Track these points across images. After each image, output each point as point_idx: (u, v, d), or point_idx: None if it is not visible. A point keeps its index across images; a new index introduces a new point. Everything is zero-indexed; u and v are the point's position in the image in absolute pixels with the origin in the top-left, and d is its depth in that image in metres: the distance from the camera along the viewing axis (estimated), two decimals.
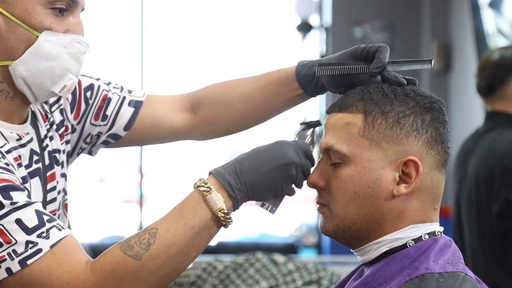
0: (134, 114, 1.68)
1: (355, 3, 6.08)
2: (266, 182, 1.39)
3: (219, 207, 1.37)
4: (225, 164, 1.40)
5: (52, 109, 1.61)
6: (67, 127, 1.63)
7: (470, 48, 5.30)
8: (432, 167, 1.35)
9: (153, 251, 1.34)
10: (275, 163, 1.39)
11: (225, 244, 6.17)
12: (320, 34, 6.24)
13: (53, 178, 1.56)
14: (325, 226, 1.38)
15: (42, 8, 1.45)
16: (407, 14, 6.03)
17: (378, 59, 1.43)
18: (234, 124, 1.65)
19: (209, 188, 1.37)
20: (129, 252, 1.34)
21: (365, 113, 1.35)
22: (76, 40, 1.47)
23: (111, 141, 1.69)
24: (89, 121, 1.67)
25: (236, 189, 1.38)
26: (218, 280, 3.57)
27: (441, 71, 5.74)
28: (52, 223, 1.37)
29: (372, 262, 1.36)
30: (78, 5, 1.49)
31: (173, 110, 1.70)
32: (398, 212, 1.34)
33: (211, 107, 1.69)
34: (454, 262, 1.31)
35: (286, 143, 1.41)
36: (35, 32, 1.45)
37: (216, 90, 1.71)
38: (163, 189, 7.28)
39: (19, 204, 1.35)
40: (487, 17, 4.93)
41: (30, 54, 1.45)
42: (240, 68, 6.67)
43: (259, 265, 3.61)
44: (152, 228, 1.37)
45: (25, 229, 1.34)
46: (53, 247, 1.35)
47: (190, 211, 1.37)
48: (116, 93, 1.69)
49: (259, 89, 1.64)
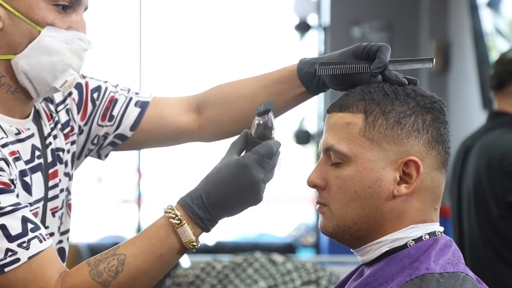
0: (140, 114, 1.69)
1: (353, 3, 6.08)
2: (238, 206, 1.44)
3: (189, 240, 1.42)
4: (192, 193, 1.43)
5: (58, 109, 1.63)
6: (73, 128, 1.64)
7: (469, 48, 5.30)
8: (433, 167, 1.34)
9: (121, 279, 1.40)
10: (240, 189, 1.43)
11: (223, 244, 6.17)
12: (319, 34, 6.23)
13: (55, 175, 1.58)
14: (325, 226, 1.37)
15: (45, 4, 1.47)
16: (405, 14, 6.03)
17: (379, 59, 1.42)
18: (239, 124, 1.64)
19: (180, 221, 1.41)
20: (98, 279, 1.40)
21: (366, 113, 1.34)
22: (78, 37, 1.50)
23: (118, 142, 1.70)
24: (96, 122, 1.68)
25: (207, 221, 1.43)
26: (216, 280, 3.57)
27: (440, 71, 5.74)
28: (35, 233, 1.40)
29: (372, 262, 1.36)
30: (82, 4, 1.51)
31: (179, 111, 1.71)
32: (398, 212, 1.33)
33: (216, 108, 1.69)
34: (455, 262, 1.31)
35: (248, 164, 1.42)
36: (37, 27, 1.47)
37: (220, 90, 1.71)
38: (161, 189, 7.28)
39: (5, 210, 1.38)
40: (485, 17, 4.92)
41: (32, 48, 1.47)
42: (239, 68, 6.67)
43: (258, 265, 3.61)
44: (120, 254, 1.42)
45: (8, 236, 1.38)
46: (30, 258, 1.39)
47: (159, 240, 1.42)
48: (123, 94, 1.70)
49: (262, 88, 1.64)
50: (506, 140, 2.68)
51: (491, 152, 2.68)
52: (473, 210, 2.73)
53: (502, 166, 2.62)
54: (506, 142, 2.67)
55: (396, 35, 5.96)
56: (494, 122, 2.76)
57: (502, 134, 2.70)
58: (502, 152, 2.64)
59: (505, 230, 2.63)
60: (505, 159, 2.62)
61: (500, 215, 2.63)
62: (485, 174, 2.67)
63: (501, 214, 2.63)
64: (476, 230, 2.72)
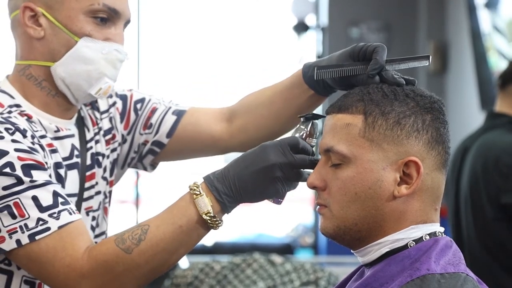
0: (176, 121, 1.78)
1: (351, 4, 6.08)
2: (251, 186, 1.47)
3: (205, 211, 1.47)
4: (217, 170, 1.50)
5: (102, 117, 1.75)
6: (114, 136, 1.76)
7: (467, 48, 5.29)
8: (433, 168, 1.34)
9: (143, 246, 1.48)
10: (256, 167, 1.46)
11: (221, 245, 6.16)
12: (317, 34, 6.23)
13: (92, 177, 1.69)
14: (326, 227, 1.37)
15: (84, 16, 1.59)
16: (403, 15, 6.02)
17: (375, 60, 1.43)
18: (262, 130, 1.72)
19: (199, 192, 1.48)
20: (121, 246, 1.48)
21: (365, 114, 1.34)
22: (114, 48, 1.62)
23: (157, 149, 1.79)
24: (138, 131, 1.79)
25: (223, 194, 1.47)
26: (215, 281, 3.57)
27: (437, 72, 5.74)
28: (65, 206, 1.51)
29: (372, 263, 1.35)
30: (121, 17, 1.63)
31: (213, 120, 1.79)
32: (399, 213, 1.33)
33: (242, 116, 1.77)
34: (455, 262, 1.31)
35: (268, 146, 1.47)
36: (75, 37, 1.59)
37: (246, 99, 1.79)
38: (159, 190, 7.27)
39: (37, 183, 1.50)
40: (483, 17, 4.92)
41: (69, 57, 1.60)
42: (237, 68, 6.67)
43: (257, 265, 3.60)
44: (145, 225, 1.50)
45: (39, 207, 1.49)
46: (60, 228, 1.49)
47: (180, 211, 1.49)
48: (164, 104, 1.80)
49: (277, 94, 1.71)
50: (503, 141, 2.68)
51: (487, 153, 2.68)
52: (470, 211, 2.73)
53: (497, 167, 2.62)
54: (503, 143, 2.67)
55: (394, 35, 5.96)
56: (492, 123, 2.76)
57: (500, 135, 2.70)
58: (497, 153, 2.64)
59: (498, 232, 2.63)
60: (500, 160, 2.62)
61: (494, 217, 2.63)
62: (481, 175, 2.67)
63: (495, 215, 2.63)
64: (473, 231, 2.72)
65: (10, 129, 1.52)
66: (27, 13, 1.61)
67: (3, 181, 1.48)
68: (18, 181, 1.49)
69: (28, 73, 1.63)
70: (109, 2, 1.60)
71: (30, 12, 1.61)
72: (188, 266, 3.77)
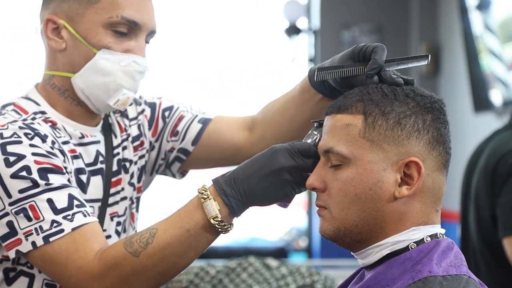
0: (202, 129, 1.80)
1: (343, 7, 6.07)
2: (260, 189, 1.44)
3: (213, 215, 1.46)
4: (227, 172, 1.48)
5: (131, 123, 1.78)
6: (142, 142, 1.79)
7: (459, 50, 5.30)
8: (434, 168, 1.33)
9: (150, 250, 1.48)
10: (265, 171, 1.44)
11: (215, 249, 6.14)
12: (309, 37, 6.23)
13: (118, 183, 1.71)
14: (325, 229, 1.35)
15: (103, 29, 1.62)
16: (395, 17, 6.03)
17: (373, 60, 1.42)
18: (279, 137, 1.71)
19: (207, 196, 1.46)
20: (130, 249, 1.49)
21: (365, 114, 1.33)
22: (133, 60, 1.64)
23: (183, 157, 1.81)
24: (166, 138, 1.82)
25: (231, 197, 1.45)
26: (210, 285, 3.55)
27: (430, 74, 5.74)
28: (80, 209, 1.53)
29: (373, 265, 1.34)
30: (142, 29, 1.65)
31: (235, 128, 1.81)
32: (399, 214, 1.32)
33: (261, 124, 1.78)
34: (457, 264, 1.30)
35: (277, 149, 1.45)
36: (93, 49, 1.62)
37: (266, 108, 1.80)
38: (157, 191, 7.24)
39: (53, 186, 1.52)
40: (475, 19, 4.92)
41: (87, 68, 1.63)
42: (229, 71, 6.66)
43: (252, 269, 3.58)
44: (153, 228, 1.50)
45: (54, 209, 1.51)
46: (74, 230, 1.51)
47: (188, 215, 1.48)
48: (191, 112, 1.83)
49: (289, 100, 1.72)
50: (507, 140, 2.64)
51: (493, 153, 2.65)
52: (474, 212, 2.71)
53: (497, 166, 2.61)
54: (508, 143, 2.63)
55: (386, 38, 5.96)
56: (509, 123, 2.73)
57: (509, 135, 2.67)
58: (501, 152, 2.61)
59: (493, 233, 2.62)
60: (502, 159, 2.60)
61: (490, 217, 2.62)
62: (489, 174, 2.64)
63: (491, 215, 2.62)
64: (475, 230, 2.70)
65: (29, 134, 1.56)
66: (50, 25, 1.65)
67: (19, 184, 1.51)
68: (33, 184, 1.51)
69: (52, 82, 1.67)
70: (128, 15, 1.62)
71: (53, 24, 1.64)
72: (183, 270, 3.74)
